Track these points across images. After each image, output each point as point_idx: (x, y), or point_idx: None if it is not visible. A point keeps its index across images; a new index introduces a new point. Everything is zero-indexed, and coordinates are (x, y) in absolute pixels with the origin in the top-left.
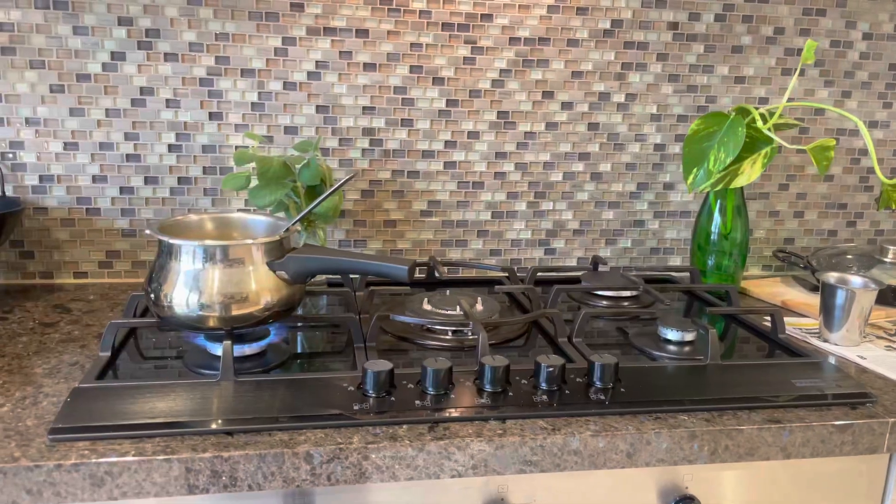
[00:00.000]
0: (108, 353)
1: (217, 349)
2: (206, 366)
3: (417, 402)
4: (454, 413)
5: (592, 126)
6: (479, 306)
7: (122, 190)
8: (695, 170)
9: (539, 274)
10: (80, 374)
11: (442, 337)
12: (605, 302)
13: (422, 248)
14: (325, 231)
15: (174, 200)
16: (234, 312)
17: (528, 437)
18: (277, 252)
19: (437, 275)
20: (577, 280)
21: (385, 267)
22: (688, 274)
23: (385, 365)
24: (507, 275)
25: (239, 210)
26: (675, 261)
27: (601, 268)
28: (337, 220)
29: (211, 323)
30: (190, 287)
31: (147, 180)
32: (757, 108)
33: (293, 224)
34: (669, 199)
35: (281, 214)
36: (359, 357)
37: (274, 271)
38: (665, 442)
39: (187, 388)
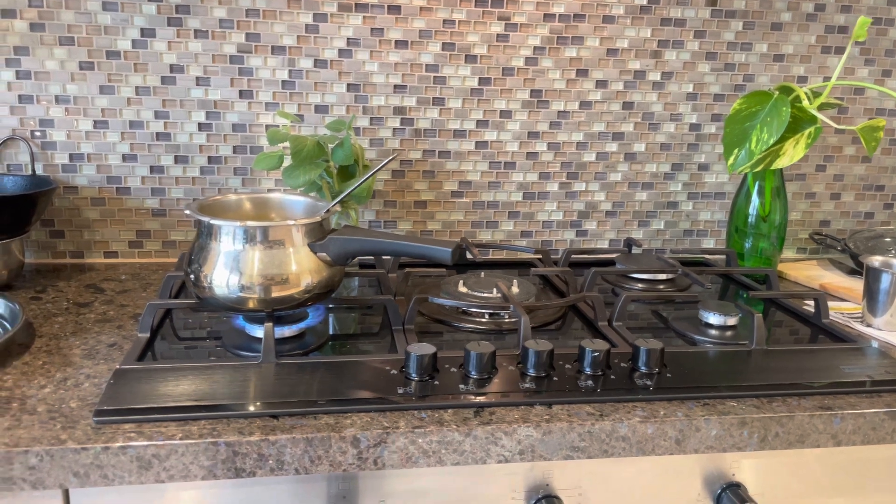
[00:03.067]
0: (147, 334)
1: (255, 331)
2: (245, 347)
3: (462, 385)
4: (499, 398)
5: (627, 105)
6: (514, 289)
7: (152, 169)
8: (736, 150)
9: (573, 256)
10: (119, 355)
11: (478, 320)
12: (640, 285)
13: (452, 229)
14: (356, 212)
15: (204, 180)
16: (276, 294)
17: (575, 422)
18: (318, 233)
19: (469, 257)
20: (610, 262)
21: (429, 249)
22: (723, 257)
23: (428, 349)
24: (540, 257)
25: (269, 190)
26: (709, 243)
27: (634, 250)
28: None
29: (252, 304)
30: (230, 268)
31: (177, 159)
32: (801, 87)
33: (334, 205)
34: (704, 179)
35: (313, 195)
36: (398, 340)
37: (315, 253)
38: (714, 429)
39: (229, 369)
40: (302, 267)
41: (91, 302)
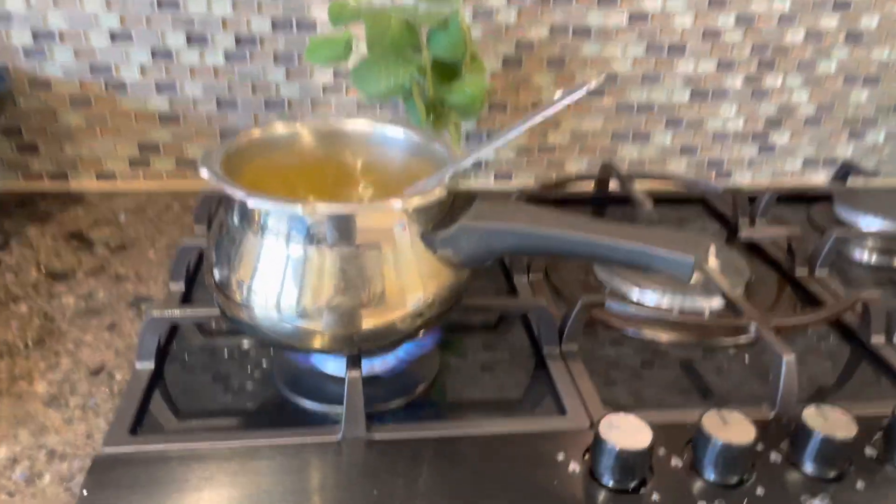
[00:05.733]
0: (151, 366)
1: (325, 364)
2: (310, 392)
3: (701, 502)
4: None
5: None
6: (712, 259)
7: (154, 54)
8: None
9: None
10: (106, 398)
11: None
12: (869, 241)
13: (583, 143)
14: (459, 129)
15: (231, 69)
16: (364, 325)
17: None
18: (436, 214)
19: (617, 191)
20: (822, 198)
21: (654, 257)
22: None
23: (641, 437)
24: (730, 198)
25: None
26: None
27: (853, 181)
28: None
29: (321, 342)
30: (285, 281)
31: (190, 40)
32: None
33: (468, 161)
34: None
35: (398, 105)
36: (559, 382)
37: (434, 251)
38: None
39: (289, 457)
40: (410, 277)
41: (72, 271)
